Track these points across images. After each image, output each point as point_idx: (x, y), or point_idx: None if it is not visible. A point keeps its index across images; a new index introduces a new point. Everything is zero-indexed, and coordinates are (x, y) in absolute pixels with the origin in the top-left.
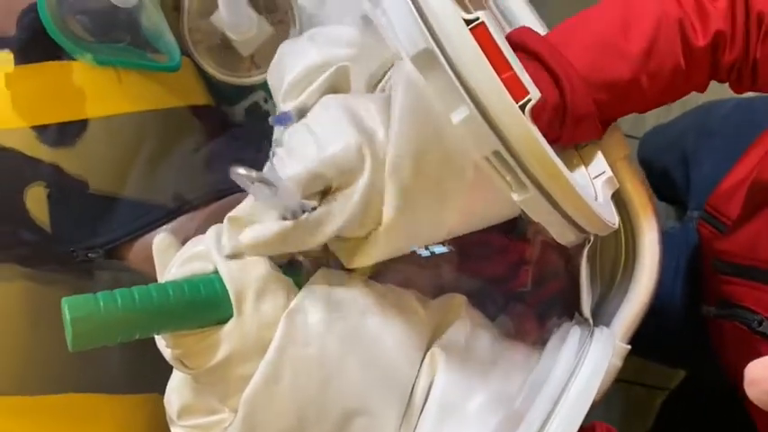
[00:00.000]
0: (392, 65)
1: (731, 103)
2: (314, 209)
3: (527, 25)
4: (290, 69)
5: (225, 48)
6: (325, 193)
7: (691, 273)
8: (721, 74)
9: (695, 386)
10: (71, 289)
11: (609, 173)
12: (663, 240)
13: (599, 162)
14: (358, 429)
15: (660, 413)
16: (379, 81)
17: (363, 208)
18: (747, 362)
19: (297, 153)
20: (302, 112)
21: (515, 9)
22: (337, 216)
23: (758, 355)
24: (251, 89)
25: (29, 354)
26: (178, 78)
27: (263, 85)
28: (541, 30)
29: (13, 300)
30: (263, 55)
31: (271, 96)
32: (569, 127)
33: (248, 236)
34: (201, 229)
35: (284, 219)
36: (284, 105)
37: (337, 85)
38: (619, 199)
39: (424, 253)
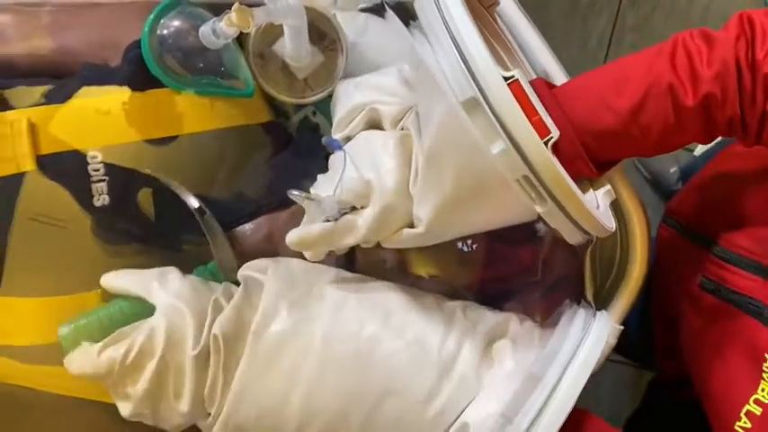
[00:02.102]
0: (410, 108)
1: None
2: (343, 215)
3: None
4: (339, 110)
5: (283, 72)
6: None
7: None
8: (720, 129)
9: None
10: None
11: (608, 186)
12: (651, 240)
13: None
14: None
15: (648, 391)
16: (401, 119)
17: (379, 223)
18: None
19: (330, 180)
20: (348, 140)
21: (540, 57)
22: (361, 228)
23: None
24: (302, 105)
25: None
26: (252, 100)
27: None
28: (560, 73)
29: None
30: (316, 78)
31: (318, 110)
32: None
33: (292, 234)
34: (281, 229)
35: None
36: (335, 135)
37: (372, 122)
38: (616, 204)
39: (465, 249)
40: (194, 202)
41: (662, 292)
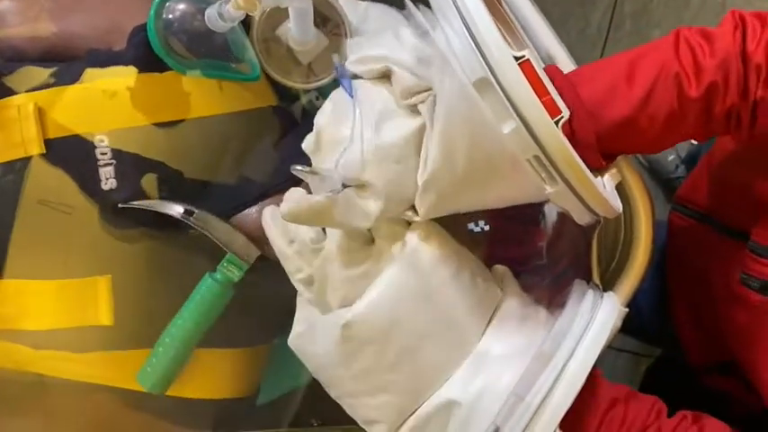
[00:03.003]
0: (427, 89)
1: None
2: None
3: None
4: (369, 47)
5: (288, 56)
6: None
7: (658, 265)
8: (717, 121)
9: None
10: (183, 250)
11: (613, 168)
12: (655, 223)
13: None
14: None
15: (645, 378)
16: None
17: (383, 213)
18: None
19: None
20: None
21: (544, 40)
22: (371, 215)
23: None
24: (306, 90)
25: (147, 310)
26: (259, 84)
27: None
28: (564, 56)
29: (137, 259)
30: (319, 63)
31: (322, 95)
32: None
33: (283, 206)
34: None
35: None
36: (351, 60)
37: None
38: (620, 187)
39: (476, 229)
40: (178, 209)
41: (685, 282)
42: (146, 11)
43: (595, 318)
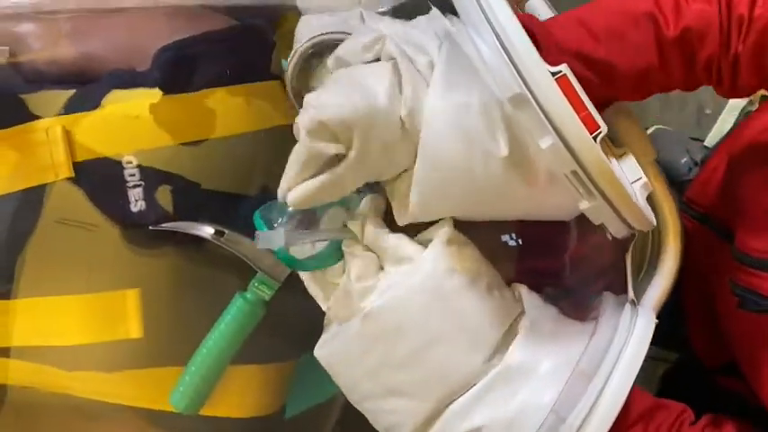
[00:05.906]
0: None
1: None
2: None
3: None
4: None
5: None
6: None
7: None
8: (699, 71)
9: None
10: (212, 267)
11: (644, 178)
12: (684, 232)
13: (635, 169)
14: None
15: (662, 383)
16: None
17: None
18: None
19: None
20: None
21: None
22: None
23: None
24: None
25: (177, 327)
26: (285, 102)
27: None
28: None
29: (165, 276)
30: None
31: None
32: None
33: (291, 196)
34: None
35: None
36: None
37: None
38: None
39: (511, 243)
40: (209, 230)
41: (693, 282)
42: (167, 31)
43: (632, 334)
